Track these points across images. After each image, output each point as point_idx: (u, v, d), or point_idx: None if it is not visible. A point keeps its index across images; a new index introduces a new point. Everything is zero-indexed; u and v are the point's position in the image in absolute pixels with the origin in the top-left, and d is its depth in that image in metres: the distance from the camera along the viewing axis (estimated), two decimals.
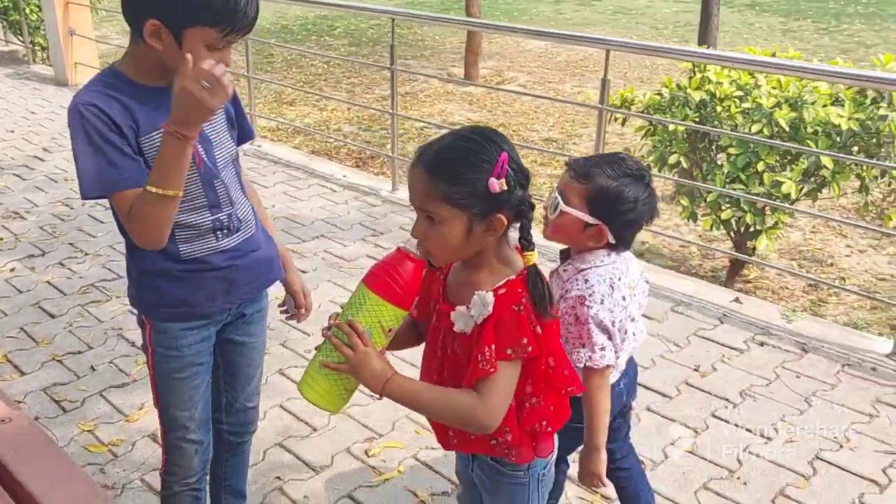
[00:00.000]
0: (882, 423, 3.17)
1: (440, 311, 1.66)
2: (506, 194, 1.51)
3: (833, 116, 4.26)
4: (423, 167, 1.52)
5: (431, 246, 1.55)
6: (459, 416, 1.55)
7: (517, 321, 1.52)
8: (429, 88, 10.64)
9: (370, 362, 1.52)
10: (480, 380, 1.52)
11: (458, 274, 1.66)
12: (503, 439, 1.63)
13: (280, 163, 6.31)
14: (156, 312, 2.01)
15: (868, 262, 5.81)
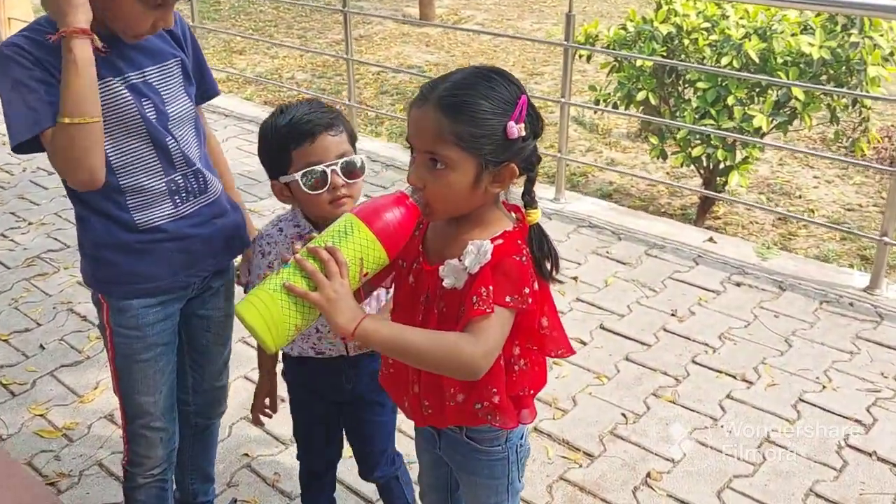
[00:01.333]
0: (863, 360, 3.11)
1: (421, 271, 1.50)
2: (520, 142, 1.37)
3: (804, 45, 4.13)
4: (436, 104, 1.35)
5: (432, 195, 1.38)
6: (447, 355, 1.34)
7: (519, 269, 1.38)
8: (384, 31, 10.30)
9: (347, 297, 1.31)
10: (475, 320, 1.35)
11: (442, 231, 1.49)
12: (489, 403, 1.49)
13: (232, 115, 6.04)
14: (113, 289, 1.84)
15: (836, 193, 5.76)
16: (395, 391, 1.64)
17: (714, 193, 4.84)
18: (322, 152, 1.77)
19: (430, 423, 1.59)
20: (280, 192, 1.86)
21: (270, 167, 1.86)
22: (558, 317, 1.49)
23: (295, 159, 1.78)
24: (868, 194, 5.69)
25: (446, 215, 1.44)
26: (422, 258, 1.51)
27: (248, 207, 4.46)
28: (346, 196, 1.79)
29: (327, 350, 1.97)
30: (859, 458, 2.63)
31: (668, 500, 2.49)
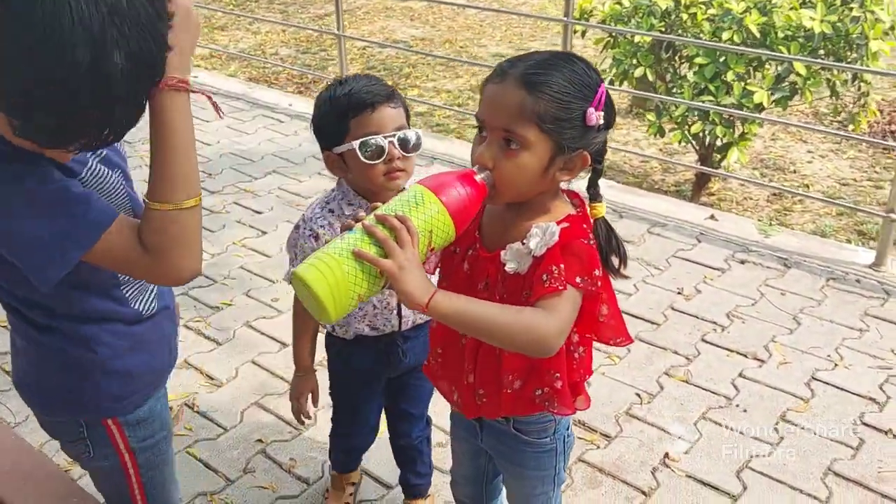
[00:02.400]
0: (873, 338, 3.11)
1: (478, 258, 1.45)
2: (595, 131, 1.33)
3: (805, 20, 4.09)
4: (520, 81, 1.30)
5: (502, 175, 1.33)
6: (524, 329, 1.27)
7: (588, 252, 1.34)
8: (367, 4, 10.15)
9: (419, 268, 1.23)
10: (547, 296, 1.30)
11: (500, 219, 1.44)
12: (550, 389, 1.45)
13: (219, 94, 5.91)
14: (127, 404, 1.52)
15: (830, 168, 5.76)
16: (444, 382, 1.60)
17: (710, 169, 4.81)
18: (381, 123, 1.76)
19: (483, 414, 1.55)
20: (333, 163, 1.83)
21: (326, 137, 1.83)
22: (618, 305, 1.45)
23: (353, 128, 1.76)
24: (862, 168, 5.70)
25: (510, 199, 1.39)
26: (478, 244, 1.46)
27: (242, 187, 4.43)
28: (400, 170, 1.77)
29: (382, 326, 1.95)
30: (875, 436, 2.63)
31: (688, 480, 2.48)
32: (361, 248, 1.22)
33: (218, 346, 3.12)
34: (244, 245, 3.84)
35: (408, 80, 7.53)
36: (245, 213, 4.17)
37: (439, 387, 1.66)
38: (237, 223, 4.06)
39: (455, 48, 8.50)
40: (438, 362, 1.61)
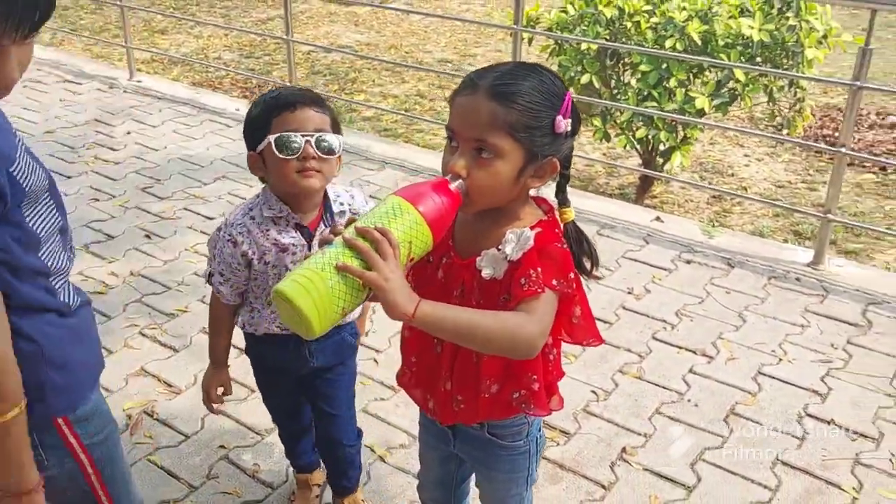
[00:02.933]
0: (813, 333, 3.26)
1: (452, 265, 1.49)
2: (563, 138, 1.39)
3: (744, 28, 4.25)
4: (490, 92, 1.34)
5: (475, 183, 1.36)
6: (509, 333, 1.30)
7: (562, 255, 1.39)
8: (310, 9, 10.12)
9: (402, 279, 1.25)
10: (527, 299, 1.33)
11: (472, 226, 1.48)
12: (527, 391, 1.50)
13: (165, 98, 5.84)
14: (74, 397, 1.48)
15: (766, 171, 5.98)
16: (418, 390, 1.64)
17: (657, 173, 4.95)
18: (300, 121, 1.81)
19: (460, 420, 1.59)
20: (254, 163, 1.87)
21: (250, 139, 1.88)
22: (589, 306, 1.51)
23: (274, 126, 1.81)
24: (796, 171, 5.93)
25: (483, 206, 1.42)
26: (452, 252, 1.50)
27: (191, 192, 4.40)
28: (314, 170, 1.81)
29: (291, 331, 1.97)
30: (819, 426, 2.76)
31: (645, 473, 2.56)
32: (344, 261, 1.22)
33: (175, 353, 3.09)
34: (196, 251, 3.81)
35: (354, 84, 7.54)
36: (196, 218, 4.13)
37: (413, 395, 1.68)
38: (188, 229, 4.02)
39: (400, 53, 8.54)
40: (413, 371, 1.64)
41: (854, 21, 9.01)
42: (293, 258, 1.89)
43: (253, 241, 1.89)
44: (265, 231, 1.89)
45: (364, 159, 4.89)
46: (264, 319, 2.00)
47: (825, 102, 7.08)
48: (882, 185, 5.72)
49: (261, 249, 1.89)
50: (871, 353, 3.14)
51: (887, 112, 6.86)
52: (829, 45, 4.38)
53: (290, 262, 1.89)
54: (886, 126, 6.59)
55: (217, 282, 1.97)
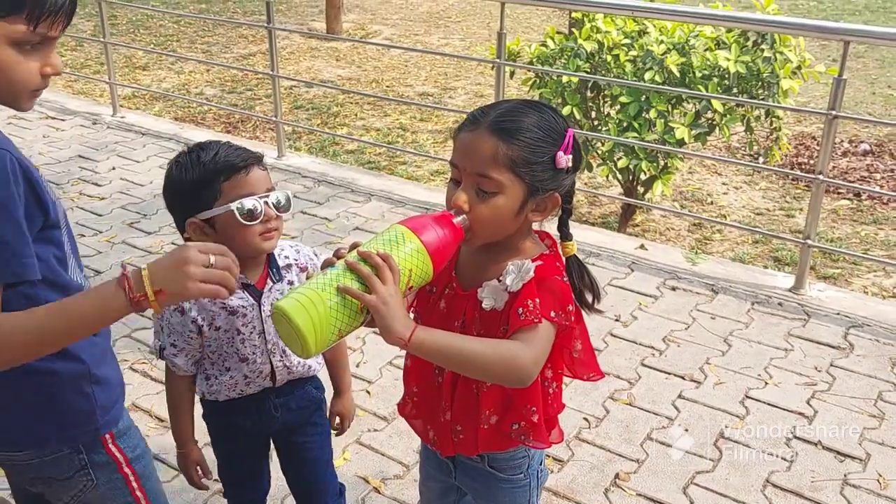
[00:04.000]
0: (797, 357, 3.31)
1: (455, 296, 1.52)
2: (564, 173, 1.43)
3: (721, 60, 4.36)
4: (491, 128, 1.39)
5: (477, 218, 1.40)
6: (503, 360, 1.34)
7: (561, 288, 1.42)
8: (291, 45, 10.21)
9: (401, 304, 1.27)
10: (523, 329, 1.37)
11: (475, 259, 1.52)
12: (527, 422, 1.52)
13: (149, 134, 5.86)
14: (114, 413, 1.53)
15: (744, 199, 6.09)
16: (419, 421, 1.66)
17: (640, 202, 5.04)
18: (255, 184, 1.75)
19: (460, 450, 1.61)
20: (199, 229, 1.76)
21: (189, 204, 1.77)
22: (590, 341, 1.54)
23: (225, 191, 1.73)
24: (773, 199, 6.04)
25: (485, 240, 1.45)
26: (455, 284, 1.53)
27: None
28: (275, 229, 1.78)
29: (253, 391, 1.95)
30: (807, 449, 2.80)
31: (639, 499, 2.59)
32: (345, 283, 1.25)
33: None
34: None
35: (337, 118, 7.61)
36: None
37: (414, 426, 1.71)
38: None
39: (382, 87, 8.63)
40: (414, 401, 1.66)
41: (824, 52, 9.26)
42: (244, 320, 1.84)
43: (201, 308, 1.83)
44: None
45: (349, 192, 4.93)
46: (223, 385, 1.92)
47: (799, 131, 7.24)
48: (857, 210, 5.85)
49: (209, 315, 1.83)
50: (854, 375, 3.20)
51: (860, 140, 7.03)
52: (804, 75, 4.51)
53: (241, 325, 1.84)
54: (859, 153, 6.74)
55: (170, 354, 1.87)
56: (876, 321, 3.56)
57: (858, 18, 12.29)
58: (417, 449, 2.75)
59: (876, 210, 5.82)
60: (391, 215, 4.60)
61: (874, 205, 5.90)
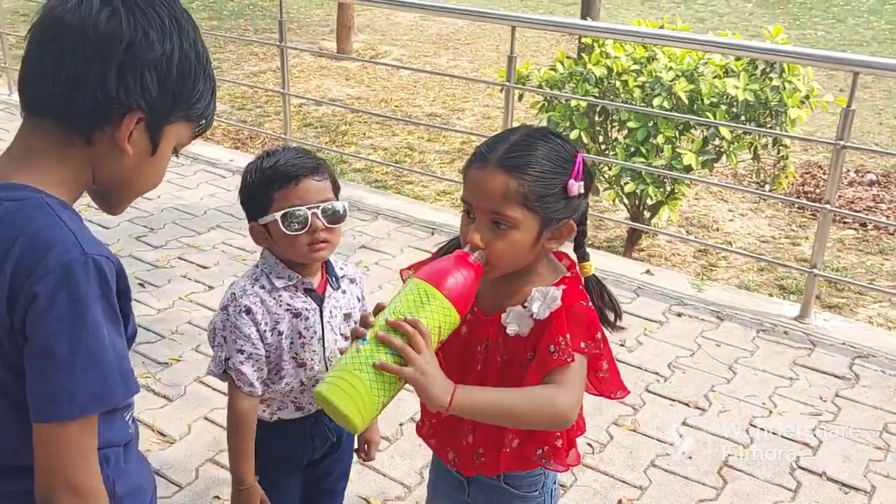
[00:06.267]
0: (802, 386, 3.30)
1: (477, 322, 1.51)
2: (577, 199, 1.42)
3: (730, 88, 4.38)
4: (500, 165, 1.39)
5: (495, 253, 1.40)
6: (544, 411, 1.35)
7: (589, 314, 1.42)
8: (301, 63, 10.28)
9: (438, 369, 1.28)
10: (557, 370, 1.37)
11: (494, 283, 1.50)
12: (550, 447, 1.51)
13: None
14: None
15: (750, 226, 6.09)
16: (440, 443, 1.65)
17: (647, 227, 5.04)
18: (304, 194, 1.77)
19: (481, 471, 1.60)
20: (258, 234, 1.83)
21: (251, 209, 1.83)
22: (614, 359, 1.54)
23: (277, 200, 1.77)
24: (779, 227, 6.04)
25: (503, 272, 1.46)
26: (476, 308, 1.52)
27: (185, 242, 4.42)
28: (325, 241, 1.78)
29: (308, 404, 1.92)
30: (811, 479, 2.78)
31: None
32: (380, 358, 1.26)
33: (169, 403, 3.09)
34: (191, 300, 3.83)
35: (345, 137, 7.65)
36: (190, 267, 4.15)
37: (431, 445, 1.70)
38: (183, 277, 4.04)
39: (390, 107, 8.68)
40: (432, 423, 1.65)
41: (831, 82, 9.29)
42: (306, 323, 1.84)
43: (266, 311, 1.81)
44: (277, 298, 1.83)
45: (356, 210, 4.94)
46: (278, 394, 1.88)
47: (805, 160, 7.25)
48: (863, 240, 5.84)
49: (274, 318, 1.82)
50: (860, 406, 3.18)
51: (866, 170, 7.03)
52: (812, 105, 4.52)
53: (302, 328, 1.85)
54: (865, 183, 6.75)
55: (237, 362, 1.79)
56: (882, 352, 3.54)
57: (866, 49, 12.34)
58: (419, 470, 2.74)
59: (882, 240, 5.81)
60: (397, 234, 4.61)
61: (880, 235, 5.89)
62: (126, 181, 1.19)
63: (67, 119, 1.11)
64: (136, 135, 1.14)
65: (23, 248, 1.05)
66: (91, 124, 1.11)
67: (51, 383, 1.03)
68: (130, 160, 1.15)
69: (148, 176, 1.21)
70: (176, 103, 1.15)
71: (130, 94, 1.09)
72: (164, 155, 1.20)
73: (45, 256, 1.04)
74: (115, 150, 1.13)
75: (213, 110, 1.24)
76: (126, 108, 1.11)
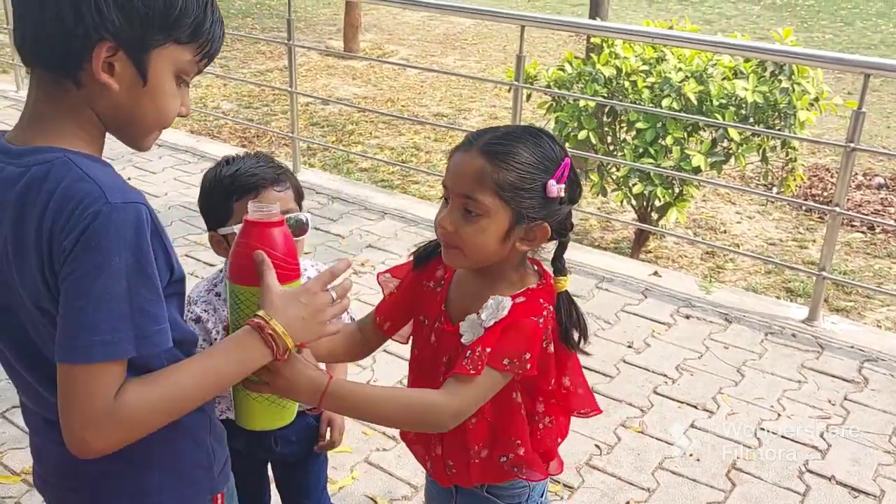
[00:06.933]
0: (811, 389, 3.29)
1: (443, 331, 1.49)
2: (557, 203, 1.39)
3: (739, 89, 4.37)
4: (482, 150, 1.37)
5: (462, 240, 1.39)
6: (414, 415, 1.37)
7: (531, 332, 1.37)
8: (308, 62, 10.28)
9: (299, 374, 1.26)
10: (458, 377, 1.35)
11: (466, 287, 1.49)
12: (513, 455, 1.49)
13: (165, 145, 5.89)
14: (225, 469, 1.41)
15: (757, 228, 6.07)
16: (419, 450, 1.64)
17: (654, 228, 5.03)
18: None
19: (456, 482, 1.58)
20: (218, 243, 1.78)
21: (210, 218, 1.78)
22: (583, 376, 1.52)
23: (237, 211, 1.71)
24: (787, 229, 6.03)
25: (472, 263, 1.44)
26: (443, 317, 1.50)
27: (192, 239, 4.42)
28: None
29: None
30: (820, 483, 2.77)
31: None
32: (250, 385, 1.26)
33: None
34: None
35: (351, 136, 7.65)
36: (197, 265, 4.15)
37: (414, 452, 1.68)
38: (190, 275, 4.00)
39: (397, 107, 8.68)
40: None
41: (839, 85, 9.26)
42: None
43: (218, 320, 1.79)
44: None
45: (363, 209, 4.94)
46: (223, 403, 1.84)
47: (813, 162, 7.23)
48: (870, 244, 5.82)
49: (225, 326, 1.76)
50: (869, 409, 3.17)
51: (874, 173, 7.01)
52: (821, 107, 4.50)
53: None
54: (874, 186, 6.72)
55: None
56: (891, 356, 3.53)
57: (874, 52, 12.31)
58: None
59: (890, 244, 5.79)
60: (404, 234, 4.60)
61: (888, 238, 5.87)
62: (127, 117, 1.16)
63: (51, 64, 1.11)
64: (119, 67, 1.11)
65: (54, 209, 1.07)
66: (71, 65, 1.10)
67: (69, 329, 1.06)
68: (121, 94, 1.13)
69: (151, 109, 1.16)
70: (149, 27, 1.10)
71: (89, 26, 1.07)
72: (161, 84, 1.15)
73: (72, 212, 1.05)
74: (102, 86, 1.11)
75: (214, 26, 1.18)
76: (92, 41, 1.08)
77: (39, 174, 1.10)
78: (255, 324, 1.17)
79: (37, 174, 1.10)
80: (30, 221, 1.09)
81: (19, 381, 1.25)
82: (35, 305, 1.12)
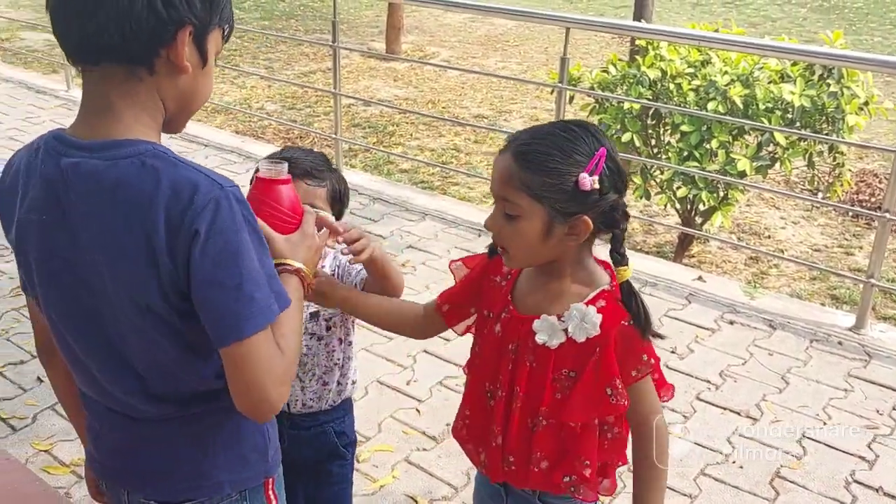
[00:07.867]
0: (857, 398, 3.23)
1: (512, 320, 1.50)
2: (595, 195, 1.37)
3: (786, 93, 4.31)
4: (512, 152, 1.40)
5: (506, 241, 1.42)
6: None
7: (634, 336, 1.40)
8: (350, 64, 10.35)
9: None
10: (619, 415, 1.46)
11: (531, 281, 1.51)
12: (578, 476, 1.48)
13: (211, 145, 5.98)
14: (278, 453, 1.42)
15: (802, 234, 5.98)
16: (471, 444, 1.64)
17: (699, 232, 4.98)
18: None
19: (509, 479, 1.58)
20: None
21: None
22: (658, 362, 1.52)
23: None
24: (832, 236, 5.92)
25: (527, 263, 1.47)
26: (510, 306, 1.51)
27: None
28: None
29: None
30: (867, 494, 2.72)
31: None
32: None
33: None
34: None
35: (392, 137, 7.69)
36: None
37: (466, 450, 1.69)
38: None
39: (438, 108, 8.70)
40: (465, 424, 1.65)
41: (888, 88, 9.07)
42: None
43: None
44: None
45: (404, 210, 4.96)
46: None
47: (860, 168, 7.09)
48: None
49: None
50: None
51: None
52: (871, 112, 4.42)
53: None
54: None
55: None
56: None
57: None
58: (466, 471, 2.74)
59: None
60: (444, 235, 4.62)
61: None
62: (188, 100, 1.21)
63: (125, 55, 1.12)
64: (188, 50, 1.15)
65: (169, 198, 1.10)
66: (149, 51, 1.12)
67: (224, 309, 1.12)
68: (188, 77, 1.17)
69: (203, 89, 1.22)
70: (214, 10, 1.17)
71: (178, 10, 1.11)
72: (211, 65, 1.21)
73: (193, 197, 1.09)
74: (174, 71, 1.15)
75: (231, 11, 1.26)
76: (179, 25, 1.12)
77: (133, 167, 1.12)
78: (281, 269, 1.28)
79: (130, 167, 1.12)
80: (132, 215, 1.11)
81: (83, 376, 1.28)
82: (132, 299, 1.15)
